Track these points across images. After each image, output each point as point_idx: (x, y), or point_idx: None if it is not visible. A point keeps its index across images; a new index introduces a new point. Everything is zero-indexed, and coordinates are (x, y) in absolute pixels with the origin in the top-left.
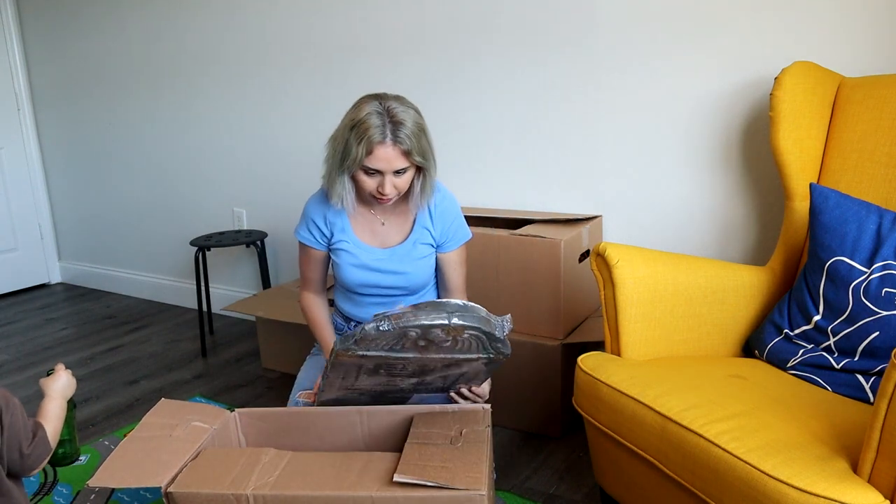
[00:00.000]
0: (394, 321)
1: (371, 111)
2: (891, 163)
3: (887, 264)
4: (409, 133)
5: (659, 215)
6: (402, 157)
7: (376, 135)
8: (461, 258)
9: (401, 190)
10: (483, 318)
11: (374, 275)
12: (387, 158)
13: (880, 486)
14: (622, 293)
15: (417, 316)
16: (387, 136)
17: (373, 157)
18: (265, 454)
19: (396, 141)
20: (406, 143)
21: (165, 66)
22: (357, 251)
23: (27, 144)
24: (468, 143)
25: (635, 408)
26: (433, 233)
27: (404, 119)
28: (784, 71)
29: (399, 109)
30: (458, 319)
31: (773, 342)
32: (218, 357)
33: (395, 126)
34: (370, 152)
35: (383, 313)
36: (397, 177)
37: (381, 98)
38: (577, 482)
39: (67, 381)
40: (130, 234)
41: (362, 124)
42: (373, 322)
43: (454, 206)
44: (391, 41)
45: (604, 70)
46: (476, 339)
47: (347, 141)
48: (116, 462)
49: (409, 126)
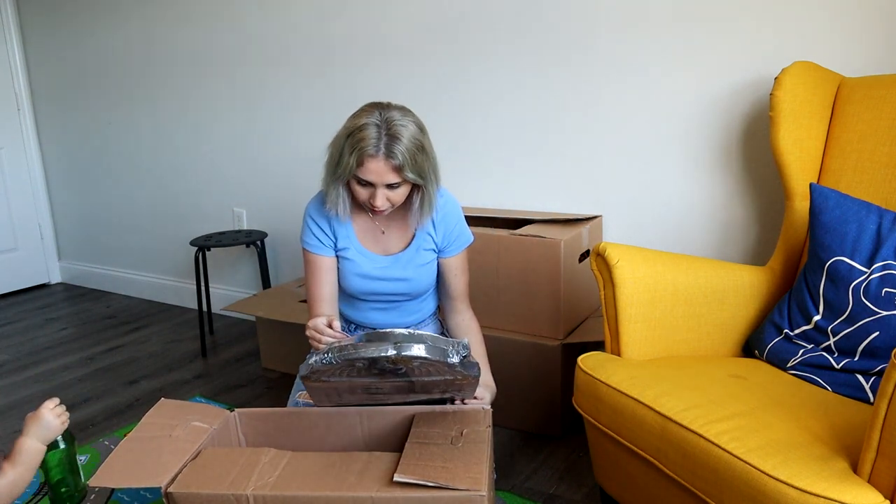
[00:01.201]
0: (337, 354)
1: (369, 122)
2: (891, 163)
3: (887, 264)
4: (404, 149)
5: (659, 215)
6: (393, 172)
7: (370, 147)
8: (463, 264)
9: (395, 203)
10: (430, 347)
11: (377, 283)
12: (378, 172)
13: (880, 486)
14: (622, 293)
15: (358, 349)
16: (380, 150)
17: (364, 169)
18: (265, 454)
19: (389, 156)
20: (398, 159)
21: (165, 66)
22: (360, 259)
23: (27, 144)
24: (469, 144)
25: (635, 408)
26: (435, 238)
27: (401, 134)
28: (784, 71)
29: (398, 123)
30: (401, 351)
31: (773, 342)
32: (218, 357)
33: (391, 140)
34: (361, 164)
35: (331, 345)
36: (390, 190)
37: (384, 108)
38: (577, 482)
39: (48, 424)
40: (130, 234)
41: (358, 133)
42: (318, 354)
43: (456, 210)
44: (393, 43)
45: (604, 70)
46: (430, 366)
47: (342, 149)
48: (116, 462)
49: (405, 142)
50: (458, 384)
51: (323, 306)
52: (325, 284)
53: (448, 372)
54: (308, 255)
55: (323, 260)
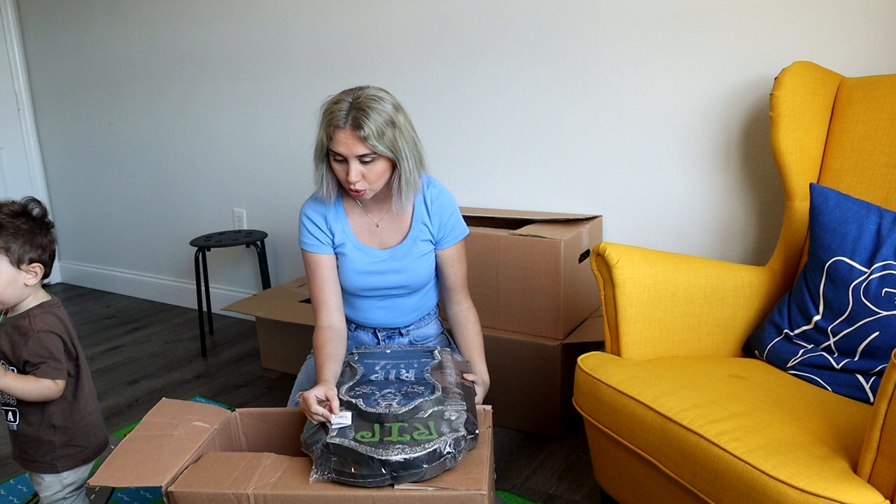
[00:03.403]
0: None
1: (343, 99)
2: (891, 163)
3: (887, 264)
4: (371, 121)
5: (659, 215)
6: (360, 142)
7: (339, 120)
8: (460, 255)
9: (371, 182)
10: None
11: (376, 277)
12: (346, 143)
13: (880, 486)
14: (622, 293)
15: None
16: (347, 122)
17: (334, 142)
18: (266, 458)
19: (355, 126)
20: (364, 130)
21: (166, 66)
22: (357, 254)
23: (27, 144)
24: (469, 144)
25: (635, 408)
26: (431, 228)
27: (369, 107)
28: (784, 71)
29: (370, 98)
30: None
31: (773, 342)
32: (218, 357)
33: (358, 112)
34: (331, 137)
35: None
36: (364, 166)
37: (361, 89)
38: (577, 482)
39: None
40: (130, 234)
41: (330, 109)
42: (308, 430)
43: (451, 201)
44: (393, 43)
45: (604, 70)
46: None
47: (319, 130)
48: (116, 462)
49: (373, 115)
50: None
51: (328, 312)
52: (327, 284)
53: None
54: (308, 255)
55: (323, 259)
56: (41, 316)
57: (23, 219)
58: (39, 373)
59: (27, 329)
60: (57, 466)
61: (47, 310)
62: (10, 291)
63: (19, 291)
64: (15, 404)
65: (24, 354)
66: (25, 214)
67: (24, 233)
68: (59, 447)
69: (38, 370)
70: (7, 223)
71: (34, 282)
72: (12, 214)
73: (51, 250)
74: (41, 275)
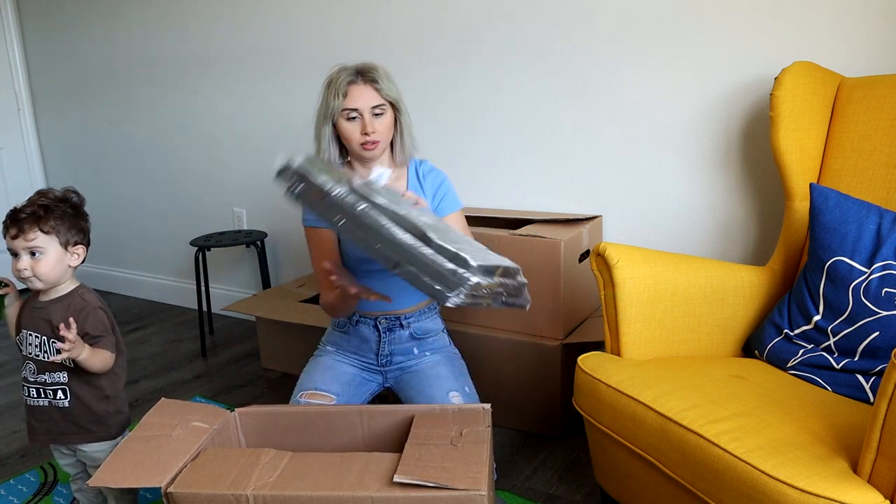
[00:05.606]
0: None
1: (345, 67)
2: (891, 163)
3: (887, 264)
4: (379, 73)
5: (659, 215)
6: (375, 93)
7: (350, 77)
8: (462, 226)
9: (382, 133)
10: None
11: None
12: (362, 96)
13: (880, 486)
14: (622, 293)
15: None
16: (358, 77)
17: (349, 99)
18: (265, 455)
19: (367, 80)
20: (376, 80)
21: (165, 66)
22: None
23: (27, 144)
24: (468, 144)
25: (635, 408)
26: (426, 195)
27: (374, 65)
28: (784, 71)
29: (367, 64)
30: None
31: (773, 342)
32: (218, 357)
33: (364, 67)
34: (346, 94)
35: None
36: (377, 119)
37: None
38: (577, 482)
39: None
40: (130, 234)
41: (334, 79)
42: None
43: (443, 175)
44: (392, 43)
45: (604, 70)
46: None
47: (326, 99)
48: (116, 462)
49: (380, 69)
50: None
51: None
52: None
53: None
54: (310, 231)
55: (325, 232)
56: (90, 294)
57: (66, 204)
58: (101, 345)
59: (83, 306)
60: (112, 433)
61: (88, 289)
62: (58, 271)
63: (63, 271)
64: (65, 381)
65: (88, 328)
66: (67, 200)
67: (69, 216)
68: (113, 415)
69: (100, 342)
70: (54, 206)
71: (77, 263)
72: (57, 200)
73: (89, 236)
74: (83, 257)
